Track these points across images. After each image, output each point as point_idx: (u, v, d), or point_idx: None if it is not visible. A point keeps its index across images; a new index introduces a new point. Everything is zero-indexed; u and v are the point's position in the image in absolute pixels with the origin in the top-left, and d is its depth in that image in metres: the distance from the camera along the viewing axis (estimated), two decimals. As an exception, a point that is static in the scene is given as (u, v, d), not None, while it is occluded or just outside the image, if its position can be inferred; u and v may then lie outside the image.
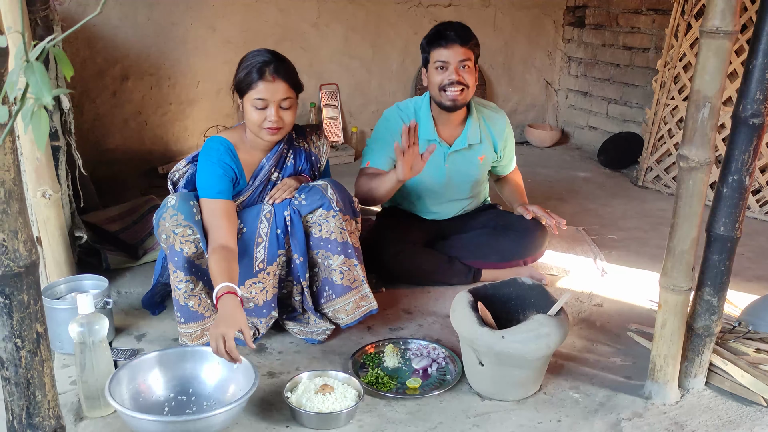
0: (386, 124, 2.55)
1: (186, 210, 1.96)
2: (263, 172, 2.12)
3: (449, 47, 2.39)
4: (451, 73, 2.40)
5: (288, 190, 2.09)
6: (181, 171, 2.16)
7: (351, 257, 2.07)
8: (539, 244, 2.61)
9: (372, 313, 2.15)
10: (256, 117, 2.00)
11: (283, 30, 4.24)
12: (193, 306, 2.00)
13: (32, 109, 0.81)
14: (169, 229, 1.95)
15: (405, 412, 1.80)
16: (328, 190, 2.05)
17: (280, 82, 1.99)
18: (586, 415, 1.81)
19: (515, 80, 5.04)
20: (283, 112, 2.01)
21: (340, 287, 2.09)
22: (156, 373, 1.79)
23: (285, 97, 2.00)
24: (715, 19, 1.57)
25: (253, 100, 1.99)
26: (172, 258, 1.97)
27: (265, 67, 1.98)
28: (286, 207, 2.07)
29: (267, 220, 2.06)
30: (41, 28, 2.23)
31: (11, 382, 1.14)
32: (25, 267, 1.09)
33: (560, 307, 1.84)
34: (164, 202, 2.01)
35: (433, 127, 2.54)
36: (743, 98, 1.66)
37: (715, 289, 1.81)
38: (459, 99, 2.43)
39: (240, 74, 2.02)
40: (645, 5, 4.29)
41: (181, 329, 2.02)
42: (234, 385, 1.76)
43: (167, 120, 4.02)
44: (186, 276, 1.97)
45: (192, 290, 1.99)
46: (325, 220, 2.04)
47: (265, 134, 2.03)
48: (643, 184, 3.98)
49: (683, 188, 1.71)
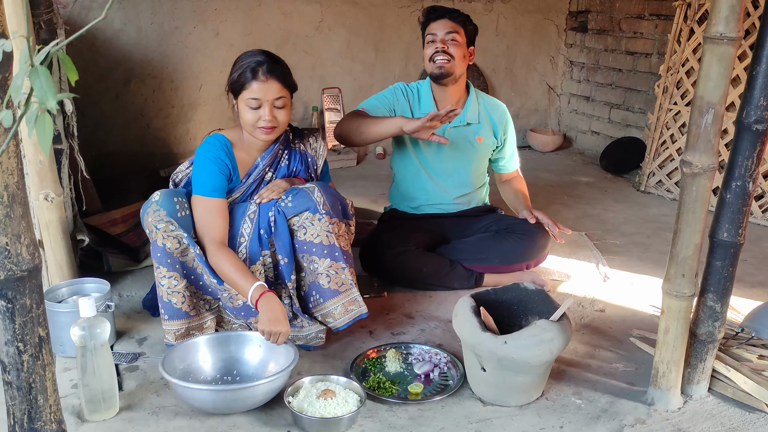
0: (392, 90, 2.67)
1: (169, 206, 1.98)
2: (257, 171, 2.13)
3: (437, 20, 2.55)
4: (438, 43, 2.52)
5: (276, 190, 2.10)
6: (183, 172, 2.17)
7: (338, 260, 2.04)
8: (541, 247, 2.61)
9: (362, 317, 2.09)
10: (251, 117, 2.02)
11: (286, 34, 4.24)
12: (176, 303, 2.01)
13: (36, 113, 0.81)
14: (151, 224, 1.97)
15: (407, 418, 1.80)
16: (315, 192, 2.05)
17: (274, 82, 2.01)
18: (588, 422, 1.80)
19: (517, 85, 5.05)
20: (277, 111, 2.03)
21: (328, 291, 2.06)
22: (203, 355, 1.93)
23: (278, 97, 2.02)
24: (718, 25, 1.57)
25: (246, 99, 2.01)
26: (155, 253, 1.98)
27: (258, 67, 2.00)
28: (270, 207, 2.07)
29: (250, 220, 2.07)
30: (45, 31, 2.24)
31: (13, 386, 1.14)
32: (27, 271, 1.09)
33: (563, 313, 1.83)
34: (150, 198, 2.02)
35: (433, 104, 2.64)
36: (747, 104, 1.66)
37: (718, 295, 1.81)
38: (445, 67, 2.52)
39: (234, 75, 2.04)
40: (648, 10, 4.29)
41: (165, 326, 2.02)
42: (274, 364, 1.89)
43: (169, 123, 4.02)
44: (169, 272, 1.98)
45: (175, 287, 2.00)
46: (311, 224, 2.03)
47: (260, 133, 2.05)
48: (645, 189, 3.98)
49: (686, 194, 1.70)
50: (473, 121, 2.66)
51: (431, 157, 2.67)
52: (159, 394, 1.88)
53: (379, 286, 2.49)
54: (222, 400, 1.75)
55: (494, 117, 2.72)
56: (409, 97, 2.65)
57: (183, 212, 2.01)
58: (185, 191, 2.09)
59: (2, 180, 1.03)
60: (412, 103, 2.65)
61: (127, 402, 1.84)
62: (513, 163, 2.84)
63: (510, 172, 2.86)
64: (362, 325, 2.28)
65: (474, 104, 2.67)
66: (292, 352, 1.85)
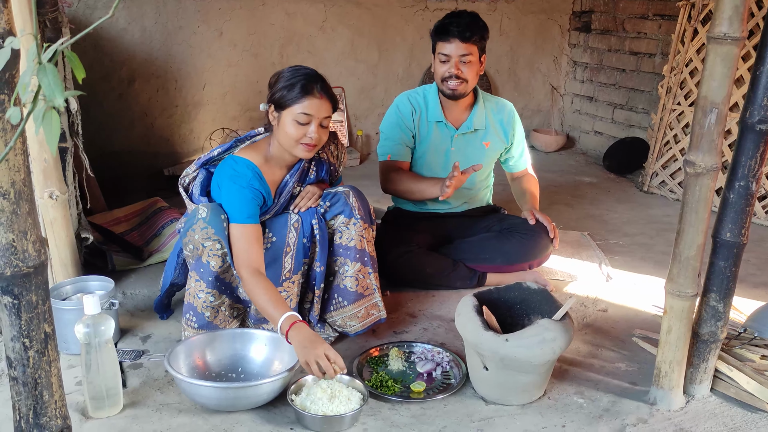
0: (397, 112, 2.66)
1: (217, 224, 1.95)
2: (287, 189, 2.10)
3: (451, 41, 2.49)
4: (452, 66, 2.51)
5: (313, 198, 2.10)
6: (191, 176, 2.13)
7: (367, 265, 2.11)
8: (544, 247, 2.61)
9: (380, 322, 2.17)
10: (296, 132, 1.97)
11: (290, 34, 4.25)
12: (209, 316, 2.02)
13: (44, 111, 0.82)
14: (198, 241, 1.96)
15: (409, 416, 1.80)
16: (351, 197, 2.08)
17: (326, 101, 1.99)
18: (590, 421, 1.80)
19: (521, 85, 5.05)
20: (322, 130, 2.00)
21: (354, 294, 2.11)
22: (209, 352, 1.95)
23: (327, 116, 2.00)
24: (722, 25, 1.57)
25: (297, 114, 1.95)
26: (198, 269, 1.99)
27: (314, 84, 1.97)
28: (312, 215, 2.08)
29: (295, 229, 2.06)
30: (50, 30, 2.25)
31: (19, 382, 1.15)
32: (33, 267, 1.10)
33: (565, 312, 1.83)
34: (194, 212, 1.99)
35: (440, 111, 2.63)
36: (750, 104, 1.66)
37: (721, 295, 1.81)
38: (458, 90, 2.54)
39: (284, 88, 1.97)
40: (651, 11, 4.29)
41: (190, 332, 2.03)
42: (278, 362, 1.91)
43: (173, 122, 4.03)
44: (210, 288, 2.00)
45: (212, 302, 2.01)
46: (346, 228, 2.07)
47: (300, 150, 2.00)
48: (648, 190, 3.97)
49: (690, 194, 1.71)
50: (480, 127, 2.66)
51: (439, 167, 2.66)
52: (163, 392, 1.89)
53: (382, 285, 2.49)
54: (226, 397, 1.76)
55: (503, 119, 2.71)
56: (414, 105, 2.64)
57: (227, 230, 1.98)
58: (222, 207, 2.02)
59: (9, 177, 1.04)
60: (420, 111, 2.64)
61: (131, 399, 1.84)
62: (522, 161, 2.84)
63: (520, 170, 2.86)
64: (365, 324, 2.30)
65: (481, 110, 2.67)
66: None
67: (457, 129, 2.64)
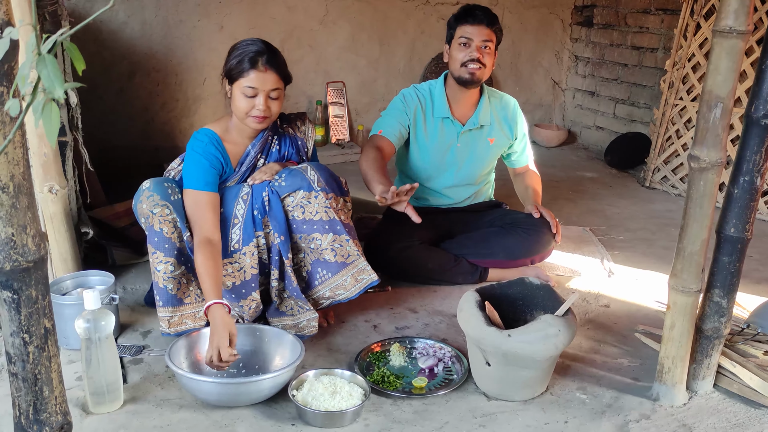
0: (402, 99, 2.65)
1: (161, 191, 2.01)
2: (249, 159, 2.14)
3: (475, 25, 2.51)
4: (473, 50, 2.50)
5: (269, 172, 2.11)
6: (176, 169, 2.19)
7: (340, 233, 2.08)
8: (546, 242, 2.61)
9: (373, 284, 2.13)
10: (244, 105, 2.02)
11: (291, 27, 4.23)
12: (171, 289, 2.01)
13: (43, 103, 0.81)
14: (146, 210, 1.99)
15: (411, 412, 1.80)
16: (308, 171, 2.07)
17: (272, 73, 2.01)
18: (593, 417, 1.80)
19: (522, 79, 5.03)
20: (271, 102, 2.04)
21: (335, 264, 2.09)
22: None
23: (274, 88, 2.03)
24: (728, 18, 1.56)
25: (243, 87, 2.01)
26: (152, 239, 2.00)
27: (258, 56, 2.00)
28: (264, 188, 2.08)
29: (244, 201, 2.08)
30: (49, 22, 2.23)
31: (19, 378, 1.14)
32: (33, 262, 1.09)
33: (568, 308, 1.83)
34: (140, 187, 2.05)
35: (447, 106, 2.62)
36: (755, 99, 1.65)
37: (724, 290, 1.80)
38: (476, 74, 2.52)
39: (232, 61, 2.03)
40: (654, 5, 4.27)
41: (160, 313, 2.02)
42: (280, 358, 1.92)
43: (174, 117, 4.02)
44: (165, 257, 1.99)
45: (172, 272, 2.00)
46: (308, 202, 2.05)
47: (251, 122, 2.05)
48: (650, 185, 3.96)
49: (694, 189, 1.69)
50: (486, 123, 2.66)
51: (443, 161, 2.65)
52: (163, 387, 1.88)
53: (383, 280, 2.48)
54: (227, 393, 1.75)
55: (507, 115, 2.72)
56: (420, 99, 2.63)
57: (175, 196, 2.03)
58: (173, 180, 2.11)
59: (8, 170, 1.03)
60: (425, 105, 2.63)
61: (132, 394, 1.84)
62: (525, 157, 2.84)
63: (522, 166, 2.86)
64: (366, 320, 2.29)
65: (486, 106, 2.66)
66: (298, 347, 1.85)
67: (463, 125, 2.63)
